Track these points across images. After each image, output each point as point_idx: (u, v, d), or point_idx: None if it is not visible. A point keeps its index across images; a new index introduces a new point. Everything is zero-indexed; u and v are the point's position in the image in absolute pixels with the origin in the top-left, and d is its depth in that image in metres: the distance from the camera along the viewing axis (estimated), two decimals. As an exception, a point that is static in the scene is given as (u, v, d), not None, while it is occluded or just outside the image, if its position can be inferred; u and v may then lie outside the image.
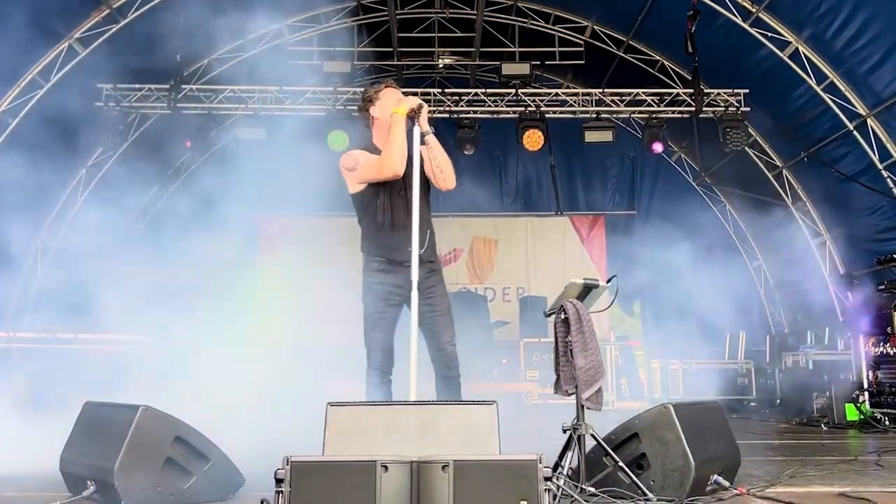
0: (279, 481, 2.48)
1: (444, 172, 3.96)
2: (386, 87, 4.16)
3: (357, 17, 11.78)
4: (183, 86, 10.32)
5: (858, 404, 7.98)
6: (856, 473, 4.32)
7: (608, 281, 3.68)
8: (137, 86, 10.37)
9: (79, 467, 3.54)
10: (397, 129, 3.85)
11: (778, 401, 10.45)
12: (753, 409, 10.67)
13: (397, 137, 3.84)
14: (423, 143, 3.89)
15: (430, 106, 10.87)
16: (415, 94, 11.27)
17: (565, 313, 3.56)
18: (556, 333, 3.64)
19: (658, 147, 11.01)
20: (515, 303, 12.45)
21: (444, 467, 2.51)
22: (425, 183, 3.97)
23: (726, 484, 3.55)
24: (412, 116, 3.87)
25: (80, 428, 3.74)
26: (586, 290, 3.64)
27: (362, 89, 4.43)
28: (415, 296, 3.72)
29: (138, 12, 9.27)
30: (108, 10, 9.25)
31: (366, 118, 4.18)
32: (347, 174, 4.00)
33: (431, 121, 12.52)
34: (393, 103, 3.98)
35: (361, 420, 3.01)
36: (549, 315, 3.69)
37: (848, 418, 8.02)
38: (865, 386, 8.24)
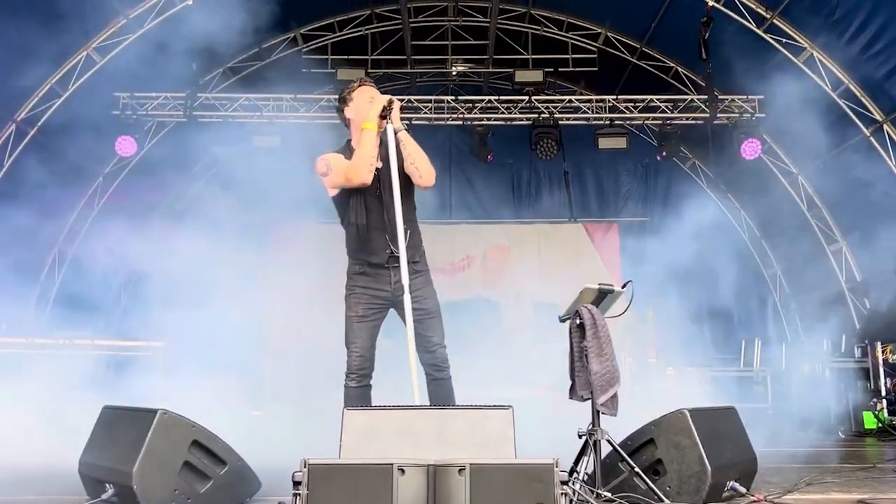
0: (296, 483, 2.49)
1: (420, 170, 3.82)
2: (359, 85, 4.03)
3: (371, 26, 11.86)
4: (199, 94, 10.41)
5: (876, 412, 7.91)
6: (874, 481, 4.28)
7: (623, 286, 3.67)
8: (154, 94, 10.47)
9: (97, 471, 3.57)
10: (366, 140, 3.76)
11: (794, 409, 10.35)
12: (769, 416, 10.58)
13: (366, 148, 3.75)
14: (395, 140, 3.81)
15: (443, 113, 11.06)
16: (427, 100, 11.30)
17: (580, 318, 3.56)
18: (571, 339, 3.63)
19: (662, 154, 11.06)
20: (528, 309, 12.43)
21: (460, 470, 2.52)
22: (406, 182, 3.87)
23: (743, 490, 3.54)
24: (384, 115, 3.78)
25: (98, 431, 3.78)
26: (601, 296, 3.64)
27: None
28: (408, 298, 3.70)
29: (155, 21, 9.36)
30: (125, 20, 9.36)
31: (343, 119, 4.09)
32: (322, 178, 3.92)
33: (445, 128, 12.54)
34: (365, 102, 3.88)
35: (378, 424, 3.02)
36: (564, 320, 3.68)
37: (866, 426, 7.95)
38: (883, 394, 8.17)
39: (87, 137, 9.81)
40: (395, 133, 3.81)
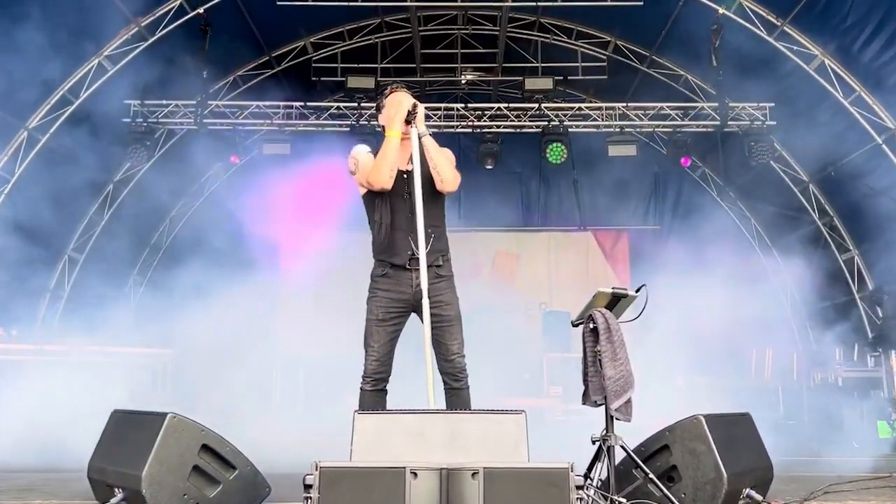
0: (307, 487, 2.46)
1: (441, 174, 3.85)
2: (391, 92, 4.07)
3: (381, 34, 11.90)
4: (209, 102, 10.45)
5: (891, 421, 7.82)
6: (893, 490, 4.22)
7: (637, 290, 3.62)
8: (164, 102, 10.51)
9: (106, 475, 3.55)
10: (387, 147, 3.82)
11: (806, 418, 10.26)
12: (781, 426, 10.47)
13: (385, 154, 3.81)
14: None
15: (453, 121, 11.05)
16: (437, 108, 11.31)
17: (594, 322, 3.51)
18: (584, 343, 3.58)
19: (686, 161, 11.04)
20: (538, 317, 12.37)
21: (473, 474, 2.48)
22: (433, 187, 3.89)
23: (759, 498, 3.48)
24: (409, 120, 3.83)
25: (107, 435, 3.75)
26: (615, 300, 3.59)
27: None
28: (426, 301, 3.68)
29: (166, 30, 9.41)
30: (136, 28, 9.40)
31: (381, 126, 4.14)
32: (353, 178, 3.98)
33: (455, 136, 12.51)
34: (393, 108, 3.91)
35: (389, 428, 2.99)
36: (577, 324, 3.64)
37: (880, 436, 7.86)
38: (898, 403, 8.08)
39: (98, 145, 9.85)
40: (420, 137, 3.83)
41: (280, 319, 12.49)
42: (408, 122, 3.85)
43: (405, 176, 3.87)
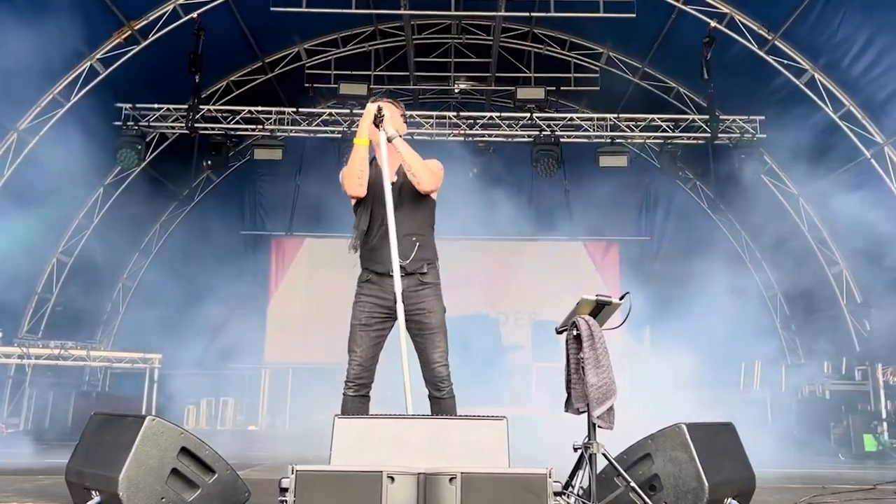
0: (283, 490, 2.44)
1: (416, 175, 3.80)
2: (370, 102, 4.00)
3: (374, 42, 11.93)
4: (201, 106, 10.42)
5: (877, 434, 7.83)
6: (875, 502, 4.21)
7: (621, 298, 3.62)
8: (156, 105, 10.50)
9: (84, 477, 3.51)
10: (353, 155, 3.82)
11: (794, 431, 10.26)
12: (769, 438, 10.47)
13: (352, 162, 3.82)
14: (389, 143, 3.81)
15: (445, 129, 11.06)
16: (429, 116, 11.30)
17: (577, 329, 3.50)
18: (567, 350, 3.57)
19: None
20: (528, 327, 12.37)
21: (451, 479, 2.47)
22: (412, 192, 3.87)
23: (741, 508, 3.47)
24: (377, 124, 3.80)
25: (86, 438, 3.72)
26: (599, 307, 3.58)
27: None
28: (400, 308, 3.65)
29: (159, 34, 9.40)
30: (129, 31, 9.38)
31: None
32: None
33: (447, 144, 12.48)
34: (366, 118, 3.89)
35: (370, 433, 2.97)
36: (561, 331, 3.63)
37: (866, 449, 7.87)
38: (884, 416, 8.09)
39: (88, 148, 9.80)
40: (390, 140, 3.80)
41: (269, 324, 12.47)
42: (377, 126, 3.81)
43: (392, 185, 3.84)
